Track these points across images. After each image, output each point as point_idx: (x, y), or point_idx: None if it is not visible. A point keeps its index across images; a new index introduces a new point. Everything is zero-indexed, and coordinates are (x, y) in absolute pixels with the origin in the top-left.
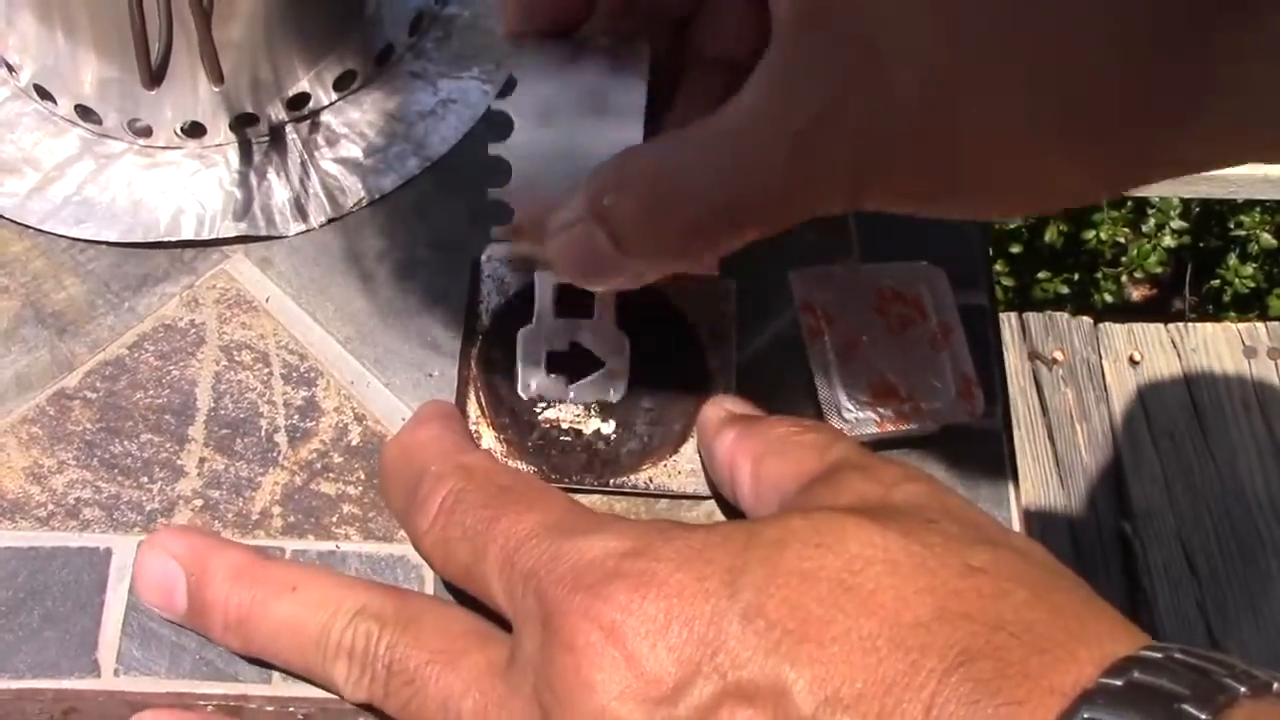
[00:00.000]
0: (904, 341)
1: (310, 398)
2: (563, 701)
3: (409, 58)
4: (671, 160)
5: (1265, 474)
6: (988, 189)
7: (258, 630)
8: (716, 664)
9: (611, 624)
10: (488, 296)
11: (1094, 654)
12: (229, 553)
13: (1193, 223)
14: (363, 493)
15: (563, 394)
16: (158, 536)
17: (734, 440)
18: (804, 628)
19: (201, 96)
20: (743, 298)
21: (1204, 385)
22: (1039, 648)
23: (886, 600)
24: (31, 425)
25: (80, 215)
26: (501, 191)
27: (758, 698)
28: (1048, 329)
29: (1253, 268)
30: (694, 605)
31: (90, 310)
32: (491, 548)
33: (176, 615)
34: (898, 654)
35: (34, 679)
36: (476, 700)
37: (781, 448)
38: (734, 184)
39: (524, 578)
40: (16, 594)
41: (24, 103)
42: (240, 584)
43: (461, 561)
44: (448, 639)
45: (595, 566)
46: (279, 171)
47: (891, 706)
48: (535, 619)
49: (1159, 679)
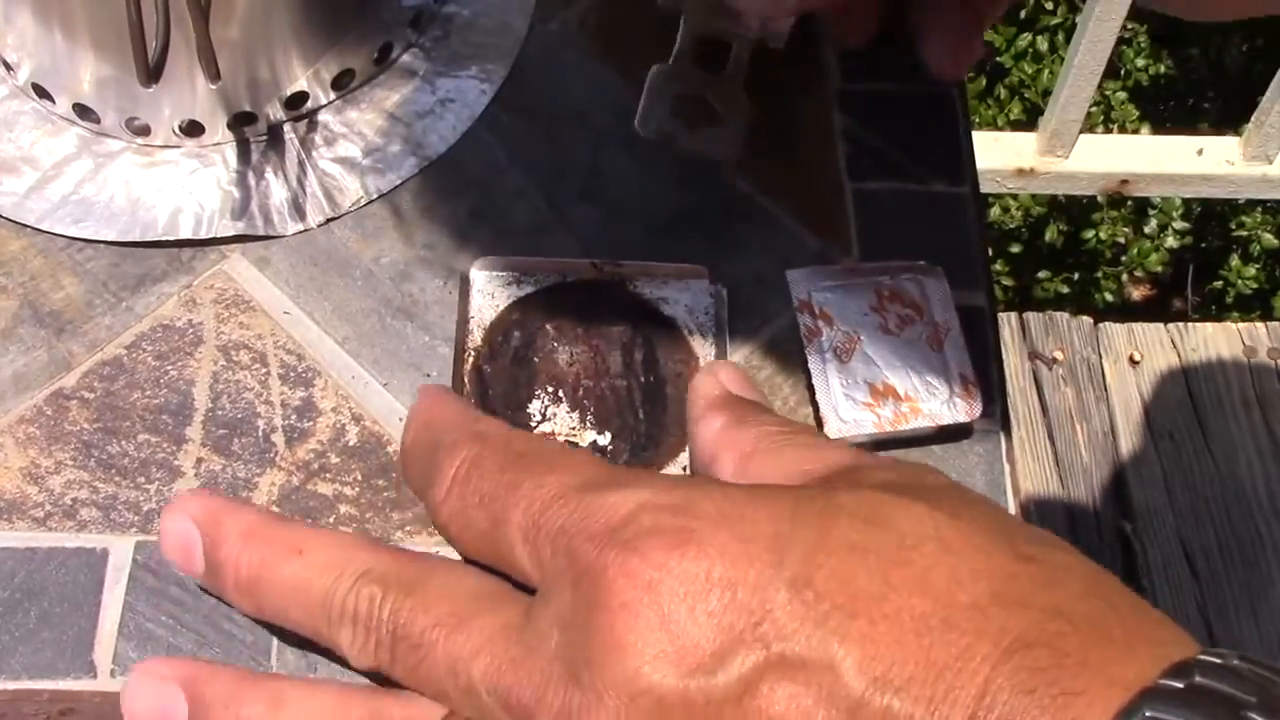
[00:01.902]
0: (902, 341)
1: (308, 398)
2: (593, 663)
3: (407, 57)
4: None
5: (1265, 474)
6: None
7: (267, 593)
8: (760, 633)
9: (649, 582)
10: (478, 312)
11: (1153, 653)
12: (241, 514)
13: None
14: (360, 493)
15: (681, 138)
16: (179, 498)
17: (720, 430)
18: (854, 603)
19: (199, 95)
20: (742, 298)
21: (1204, 385)
22: (1096, 640)
23: (939, 580)
24: (29, 425)
25: (78, 214)
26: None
27: (803, 672)
28: (1048, 329)
29: (1255, 268)
30: (737, 569)
31: (88, 310)
32: (514, 512)
33: (197, 575)
34: (951, 636)
35: (30, 680)
36: (488, 663)
37: (774, 446)
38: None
39: (552, 538)
40: (13, 595)
41: (22, 101)
42: (250, 545)
43: (480, 529)
44: (455, 601)
45: (631, 522)
46: (277, 171)
47: (944, 692)
48: (565, 578)
49: (1223, 684)
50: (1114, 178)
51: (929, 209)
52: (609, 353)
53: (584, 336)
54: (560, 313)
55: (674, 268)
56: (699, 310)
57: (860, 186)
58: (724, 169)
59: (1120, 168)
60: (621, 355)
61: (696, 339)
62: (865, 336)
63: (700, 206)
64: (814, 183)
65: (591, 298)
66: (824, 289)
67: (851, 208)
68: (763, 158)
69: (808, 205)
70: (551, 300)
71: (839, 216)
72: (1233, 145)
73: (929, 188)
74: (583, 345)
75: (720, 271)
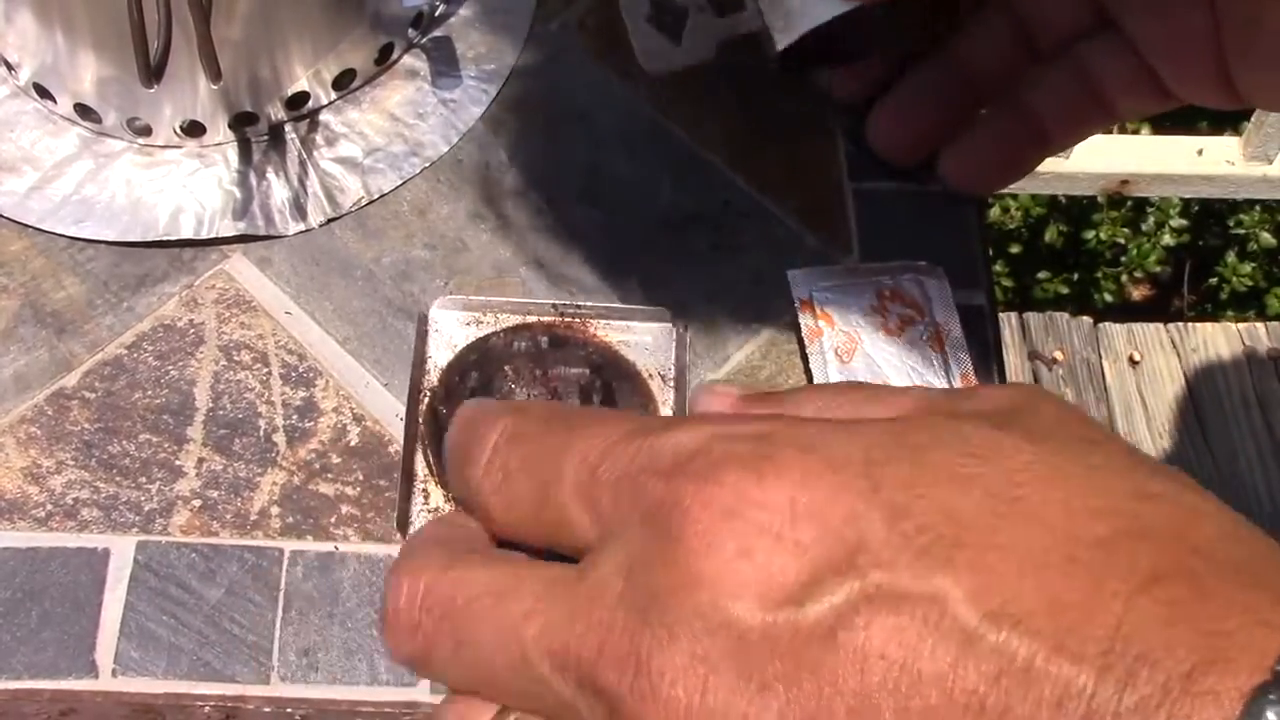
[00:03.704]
0: (903, 342)
1: (309, 398)
2: (662, 599)
3: (408, 57)
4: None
5: (1265, 474)
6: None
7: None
8: (855, 564)
9: (726, 510)
10: (435, 351)
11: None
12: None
13: (1192, 221)
14: (361, 493)
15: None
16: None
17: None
18: (961, 534)
19: (201, 95)
20: (742, 298)
21: (1204, 385)
22: (1240, 581)
23: (1054, 515)
24: (30, 425)
25: (79, 214)
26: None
27: (906, 603)
28: (1048, 329)
29: (1251, 266)
30: (826, 496)
31: (89, 310)
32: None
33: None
34: (1074, 569)
35: (32, 680)
36: (543, 624)
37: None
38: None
39: (614, 484)
40: (14, 594)
41: (23, 101)
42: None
43: (526, 497)
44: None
45: (703, 453)
46: (278, 171)
47: (1070, 626)
48: (631, 521)
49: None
50: (1114, 178)
51: (929, 209)
52: (567, 396)
53: (542, 379)
54: (518, 354)
55: (635, 310)
56: (659, 353)
57: (860, 186)
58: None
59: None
60: (579, 398)
61: (656, 382)
62: (866, 337)
63: (700, 206)
64: (814, 183)
65: (551, 339)
66: (825, 289)
67: (851, 207)
68: (763, 158)
69: (808, 205)
70: (510, 342)
71: (839, 216)
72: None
73: (929, 188)
74: (540, 388)
75: (719, 271)
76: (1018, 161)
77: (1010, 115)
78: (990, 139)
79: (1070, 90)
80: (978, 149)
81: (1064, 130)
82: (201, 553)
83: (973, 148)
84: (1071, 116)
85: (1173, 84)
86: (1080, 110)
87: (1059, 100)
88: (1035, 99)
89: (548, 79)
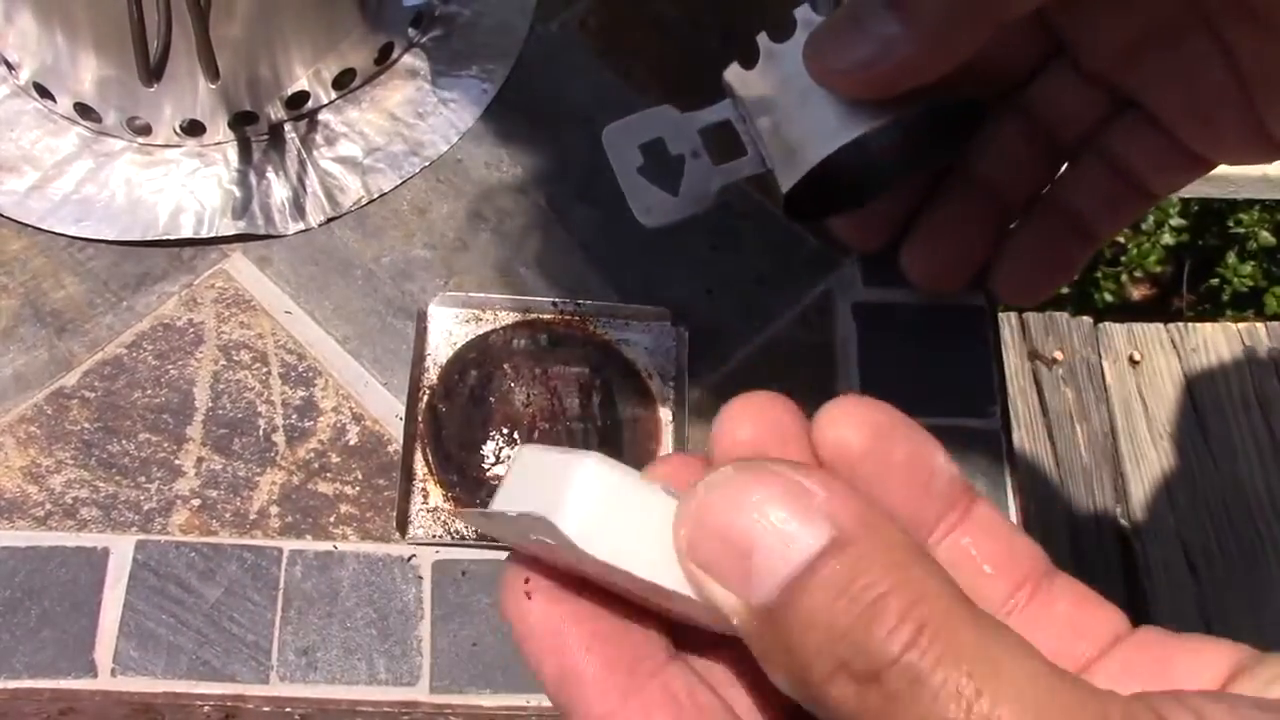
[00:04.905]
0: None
1: (308, 397)
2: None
3: (408, 57)
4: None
5: (1265, 474)
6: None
7: None
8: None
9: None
10: (435, 349)
11: None
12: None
13: (1192, 220)
14: (360, 493)
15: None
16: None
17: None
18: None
19: (200, 95)
20: (742, 298)
21: (1204, 385)
22: None
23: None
24: (29, 424)
25: (79, 213)
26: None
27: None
28: (1048, 329)
29: (1251, 266)
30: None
31: (89, 309)
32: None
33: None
34: None
35: (31, 679)
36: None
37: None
38: None
39: None
40: (14, 594)
41: (23, 101)
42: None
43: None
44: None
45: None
46: (278, 170)
47: None
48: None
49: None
50: None
51: None
52: (567, 394)
53: (542, 377)
54: (518, 352)
55: (635, 309)
56: (659, 353)
57: None
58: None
59: None
60: (579, 397)
61: (656, 382)
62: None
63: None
64: None
65: (551, 337)
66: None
67: None
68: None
69: None
70: (510, 339)
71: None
72: None
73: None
74: (540, 386)
75: (720, 271)
76: (1067, 264)
77: (1050, 219)
78: (1035, 247)
79: (1104, 181)
80: (1025, 260)
81: (1107, 223)
82: (201, 552)
83: (1020, 260)
84: (1111, 207)
85: (1208, 150)
86: (1119, 199)
87: (1095, 194)
88: (1072, 198)
89: (548, 79)
